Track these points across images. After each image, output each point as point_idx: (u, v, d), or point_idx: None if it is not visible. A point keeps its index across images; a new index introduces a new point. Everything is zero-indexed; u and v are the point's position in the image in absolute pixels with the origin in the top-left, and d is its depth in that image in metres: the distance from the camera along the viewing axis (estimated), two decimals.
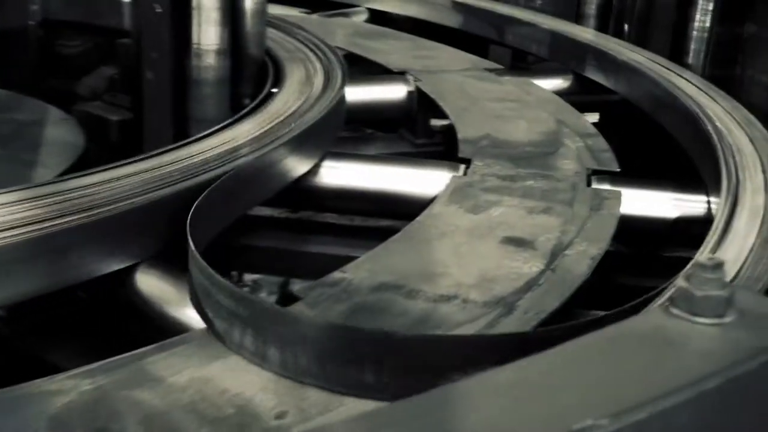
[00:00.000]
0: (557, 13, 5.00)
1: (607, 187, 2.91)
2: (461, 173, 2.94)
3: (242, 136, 2.68)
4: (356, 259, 2.34)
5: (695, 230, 2.69)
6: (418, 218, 2.60)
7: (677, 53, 4.27)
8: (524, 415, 0.92)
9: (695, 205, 2.87)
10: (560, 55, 4.39)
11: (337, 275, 2.24)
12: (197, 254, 1.99)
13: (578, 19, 4.89)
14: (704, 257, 1.06)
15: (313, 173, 2.92)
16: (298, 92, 3.13)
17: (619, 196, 2.81)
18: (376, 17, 5.31)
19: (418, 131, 3.86)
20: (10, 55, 3.65)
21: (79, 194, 2.22)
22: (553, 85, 4.17)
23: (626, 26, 4.64)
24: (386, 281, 2.22)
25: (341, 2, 5.42)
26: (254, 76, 3.30)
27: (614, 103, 4.13)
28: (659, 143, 3.65)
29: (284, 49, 3.64)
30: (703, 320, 1.06)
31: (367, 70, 4.23)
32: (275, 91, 3.16)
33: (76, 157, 2.75)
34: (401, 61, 4.18)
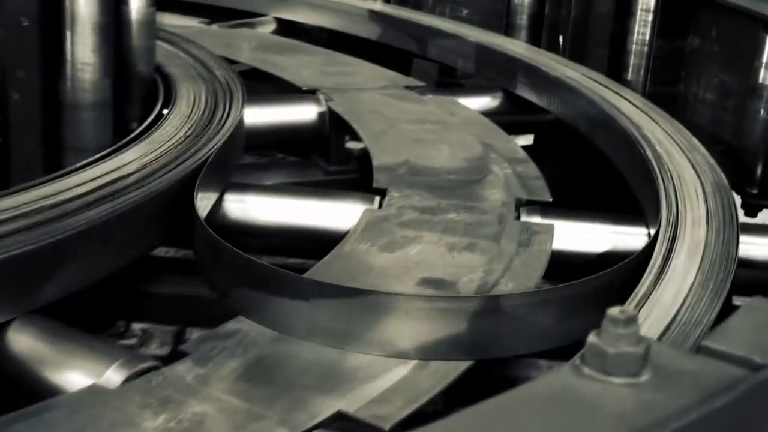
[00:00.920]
0: (485, 24, 5.06)
1: (537, 219, 2.93)
2: (375, 206, 2.94)
3: (127, 166, 2.66)
4: None
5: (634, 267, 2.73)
6: (325, 258, 2.59)
7: (616, 69, 4.35)
8: None
9: (633, 238, 2.90)
10: (488, 70, 4.44)
11: (231, 325, 2.22)
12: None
13: (508, 30, 4.94)
14: (616, 310, 1.08)
15: (212, 207, 2.92)
16: (191, 114, 3.12)
17: (551, 229, 2.83)
18: (284, 28, 5.32)
19: (330, 156, 3.85)
20: None
21: None
22: (480, 104, 4.20)
23: (561, 39, 4.72)
24: None
25: (245, 11, 5.42)
26: (142, 96, 3.28)
27: (547, 124, 4.19)
28: (596, 169, 3.71)
29: (177, 65, 3.62)
30: (616, 380, 1.08)
31: (273, 88, 4.24)
32: (166, 112, 3.14)
33: None
34: (312, 78, 4.18)
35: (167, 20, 4.67)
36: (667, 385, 1.08)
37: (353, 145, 3.89)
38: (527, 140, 4.59)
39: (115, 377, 2.03)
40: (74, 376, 2.09)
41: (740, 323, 1.24)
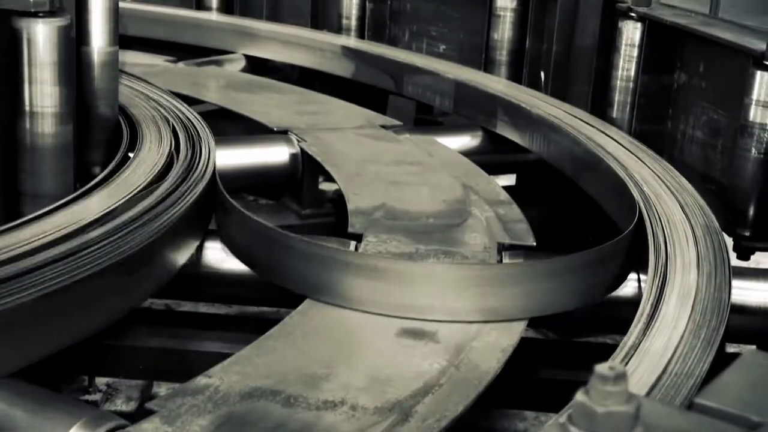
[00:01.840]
0: (463, 60, 5.10)
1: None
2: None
3: (89, 214, 2.65)
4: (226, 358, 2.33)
5: (623, 313, 2.75)
6: (299, 308, 2.59)
7: (600, 106, 4.39)
8: None
9: (623, 283, 2.92)
10: (467, 108, 4.46)
11: (201, 381, 2.21)
12: None
13: (487, 66, 4.98)
14: (605, 366, 1.08)
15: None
16: (158, 156, 3.12)
17: None
18: (254, 66, 5.34)
19: (303, 200, 3.86)
20: None
21: None
22: (459, 143, 4.23)
23: (542, 75, 4.75)
24: (260, 386, 2.20)
25: (213, 48, 5.44)
26: (105, 140, 3.27)
27: (530, 164, 4.22)
28: (582, 211, 3.73)
29: (141, 107, 3.63)
30: None
31: (243, 128, 4.25)
32: (132, 155, 3.14)
33: None
34: (284, 117, 4.19)
35: (131, 58, 4.68)
36: None
37: (327, 187, 3.90)
38: (509, 181, 4.62)
39: None
40: None
41: (734, 379, 1.24)
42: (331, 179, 3.65)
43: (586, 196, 3.60)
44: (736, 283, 2.70)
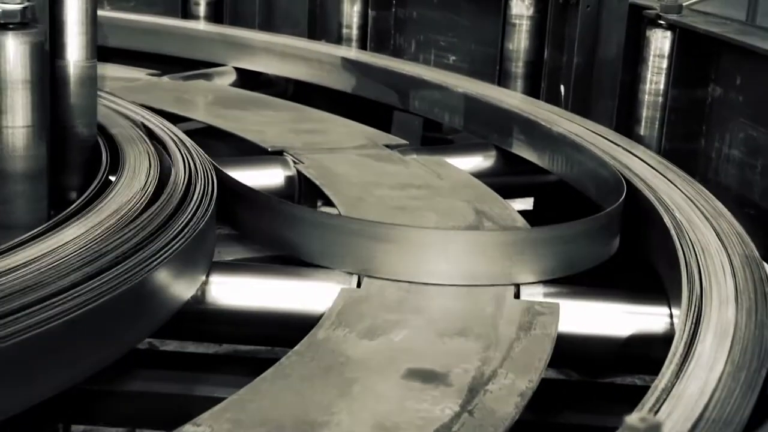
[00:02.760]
0: (475, 72, 5.10)
1: (540, 298, 2.93)
2: (353, 284, 2.94)
3: (65, 247, 2.63)
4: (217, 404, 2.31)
5: (654, 353, 2.72)
6: (296, 347, 2.57)
7: (626, 122, 4.38)
8: None
9: (653, 319, 2.90)
10: (479, 125, 4.46)
11: (189, 429, 2.20)
12: None
13: (501, 79, 4.99)
14: (635, 418, 1.07)
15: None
16: (143, 180, 3.11)
17: (556, 309, 2.83)
18: (245, 79, 5.35)
19: None
20: None
21: None
22: (471, 164, 4.23)
23: (562, 89, 4.75)
24: None
25: (200, 60, 5.45)
26: (83, 162, 3.27)
27: (548, 186, 4.21)
28: None
29: (123, 126, 3.62)
30: None
31: (234, 148, 4.24)
32: (113, 179, 3.13)
33: None
34: (278, 136, 4.19)
35: (111, 72, 4.69)
36: None
37: (327, 211, 3.89)
38: (526, 205, 4.61)
39: None
40: None
41: None
42: (330, 204, 3.65)
43: None
44: None
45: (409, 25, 5.60)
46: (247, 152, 4.11)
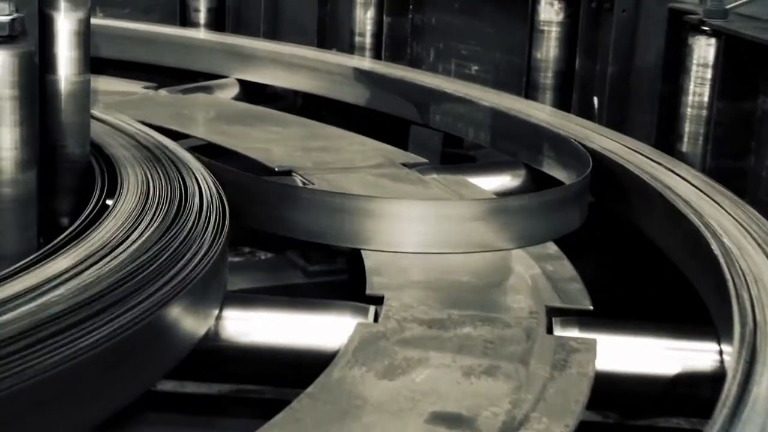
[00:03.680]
0: (500, 83, 5.10)
1: (575, 333, 2.92)
2: (370, 318, 2.93)
3: (55, 278, 2.62)
4: None
5: (703, 393, 2.71)
6: (308, 389, 2.56)
7: (667, 138, 4.37)
8: None
9: (700, 356, 2.88)
10: (505, 142, 4.46)
11: None
12: None
13: (529, 91, 4.99)
14: None
15: None
16: (145, 207, 3.11)
17: (593, 346, 2.81)
18: (250, 92, 5.35)
19: (311, 254, 3.85)
20: None
21: None
22: (497, 184, 4.22)
23: (596, 101, 4.74)
24: None
25: (201, 72, 5.45)
26: (75, 185, 3.27)
27: None
28: (648, 267, 3.69)
29: (118, 145, 3.63)
30: None
31: (238, 168, 4.23)
32: (110, 203, 3.13)
33: None
34: (286, 155, 4.19)
35: (104, 85, 4.69)
36: None
37: None
38: None
39: None
40: None
41: None
42: None
43: (653, 248, 3.57)
44: None
45: (427, 32, 5.61)
46: (252, 172, 4.10)
